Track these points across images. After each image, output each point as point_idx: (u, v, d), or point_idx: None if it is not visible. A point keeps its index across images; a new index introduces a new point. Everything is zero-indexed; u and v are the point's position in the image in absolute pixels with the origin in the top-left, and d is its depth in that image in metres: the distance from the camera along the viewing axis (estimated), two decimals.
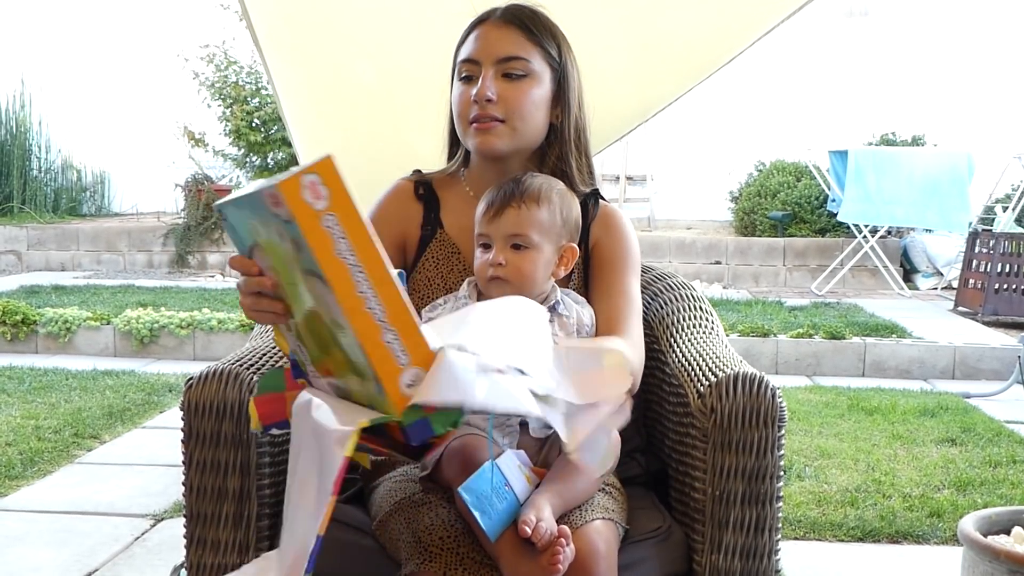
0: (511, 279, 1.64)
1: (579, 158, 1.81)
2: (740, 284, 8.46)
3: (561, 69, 1.77)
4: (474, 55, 1.73)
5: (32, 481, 3.48)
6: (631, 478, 1.83)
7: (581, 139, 1.82)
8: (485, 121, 1.71)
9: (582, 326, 1.69)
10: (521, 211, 1.65)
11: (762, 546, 1.57)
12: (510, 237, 1.65)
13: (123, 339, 5.74)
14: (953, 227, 7.67)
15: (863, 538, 3.07)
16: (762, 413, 1.55)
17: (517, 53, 1.72)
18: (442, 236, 1.83)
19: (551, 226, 1.66)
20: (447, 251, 1.81)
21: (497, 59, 1.71)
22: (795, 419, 4.29)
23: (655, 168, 10.08)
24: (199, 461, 1.61)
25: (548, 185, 1.69)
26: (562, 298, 1.70)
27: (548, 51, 1.75)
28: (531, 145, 1.78)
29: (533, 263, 1.65)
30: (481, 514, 1.40)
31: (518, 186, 1.67)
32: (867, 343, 5.59)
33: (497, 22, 1.74)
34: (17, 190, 9.94)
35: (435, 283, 1.80)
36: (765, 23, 2.41)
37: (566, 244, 1.70)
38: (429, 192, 1.86)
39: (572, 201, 1.72)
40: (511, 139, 1.73)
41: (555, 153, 1.80)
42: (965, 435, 4.10)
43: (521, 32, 1.73)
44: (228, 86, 9.22)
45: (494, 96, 1.70)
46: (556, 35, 1.78)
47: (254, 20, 2.40)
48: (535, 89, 1.73)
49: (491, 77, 1.70)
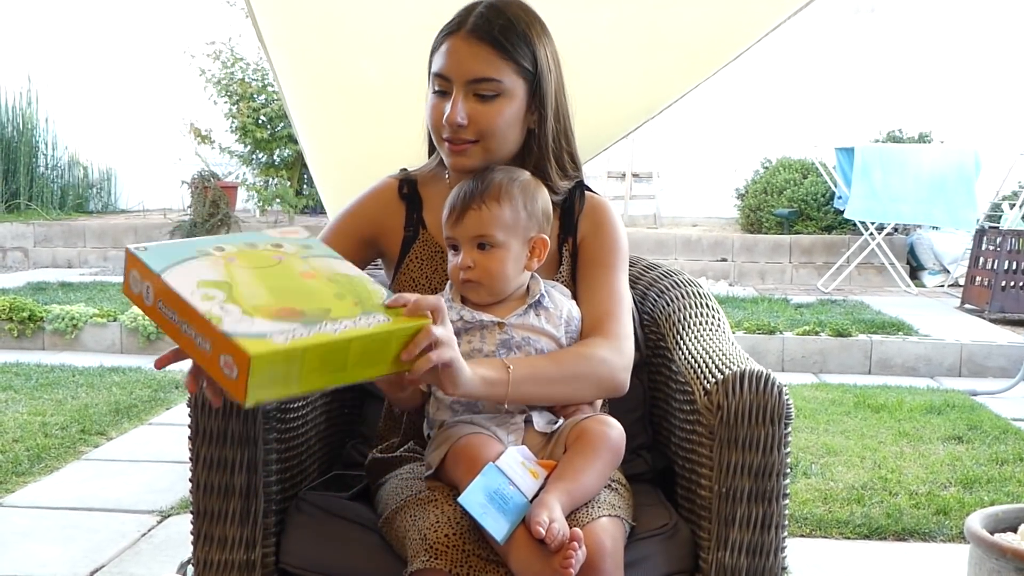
0: (482, 280, 1.63)
1: (560, 157, 1.78)
2: (746, 281, 8.45)
3: (536, 77, 1.71)
4: (445, 72, 1.69)
5: (39, 477, 3.49)
6: (637, 475, 1.82)
7: (560, 139, 1.78)
8: (458, 143, 1.70)
9: (571, 319, 1.69)
10: (483, 211, 1.63)
11: (768, 543, 1.57)
12: (475, 239, 1.64)
13: (130, 336, 5.75)
14: (960, 224, 7.66)
15: (869, 535, 3.07)
16: (769, 410, 1.55)
17: (488, 74, 1.67)
18: (425, 236, 1.82)
19: (515, 222, 1.64)
20: (431, 251, 1.81)
21: (467, 80, 1.67)
22: (801, 416, 4.28)
23: (661, 165, 10.07)
24: (206, 458, 1.61)
25: (508, 179, 1.67)
26: (547, 291, 1.69)
27: (522, 65, 1.69)
28: (506, 158, 1.75)
29: (501, 262, 1.64)
30: (486, 519, 1.40)
31: (478, 185, 1.65)
32: (873, 340, 5.59)
33: (468, 38, 1.68)
34: (24, 187, 9.96)
35: (420, 283, 1.79)
36: (771, 20, 2.40)
37: (536, 236, 1.67)
38: (412, 191, 1.85)
39: (537, 190, 1.69)
40: (484, 158, 1.71)
41: (533, 158, 1.76)
42: (972, 433, 4.09)
43: (492, 49, 1.67)
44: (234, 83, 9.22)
45: (464, 121, 1.67)
46: (530, 40, 1.70)
47: (259, 18, 2.40)
48: (508, 108, 1.69)
49: (462, 99, 1.67)
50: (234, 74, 9.26)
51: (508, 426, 1.60)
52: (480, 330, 1.64)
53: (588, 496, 1.52)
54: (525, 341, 1.63)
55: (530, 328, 1.64)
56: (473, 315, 1.64)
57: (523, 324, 1.65)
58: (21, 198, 9.92)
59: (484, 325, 1.64)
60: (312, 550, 1.63)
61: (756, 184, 9.19)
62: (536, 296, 1.67)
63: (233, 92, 9.21)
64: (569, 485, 1.49)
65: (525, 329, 1.64)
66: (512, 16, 1.70)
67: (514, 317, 1.65)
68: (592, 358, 1.64)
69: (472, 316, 1.64)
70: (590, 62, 1.83)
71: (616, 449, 1.58)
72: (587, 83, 1.89)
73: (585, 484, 1.52)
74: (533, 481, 1.49)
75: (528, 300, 1.67)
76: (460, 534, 1.45)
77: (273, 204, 9.30)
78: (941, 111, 9.32)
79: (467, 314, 1.64)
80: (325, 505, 1.68)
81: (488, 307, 1.66)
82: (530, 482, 1.48)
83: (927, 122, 9.25)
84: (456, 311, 1.64)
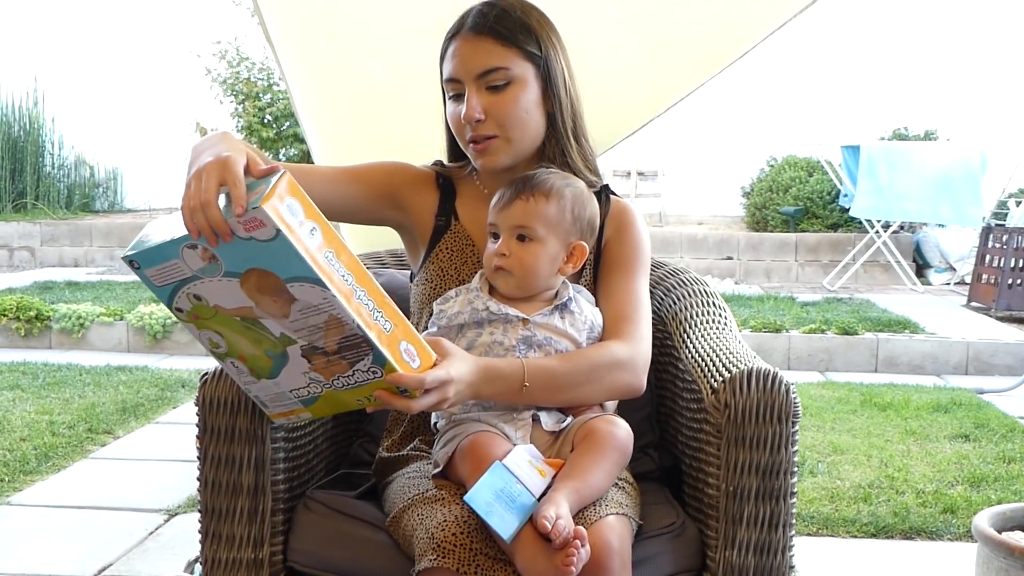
0: (514, 270, 1.65)
1: (577, 144, 1.79)
2: (752, 280, 8.44)
3: (544, 61, 1.73)
4: (455, 74, 1.71)
5: (46, 476, 3.50)
6: (645, 473, 1.83)
7: (577, 125, 1.79)
8: (480, 141, 1.71)
9: (594, 326, 1.69)
10: (529, 203, 1.65)
11: (776, 542, 1.57)
12: (515, 228, 1.65)
13: (136, 335, 5.76)
14: (966, 222, 7.64)
15: (876, 534, 3.06)
16: (776, 409, 1.55)
17: (494, 64, 1.68)
18: (457, 228, 1.82)
19: (559, 221, 1.66)
20: (461, 243, 1.81)
21: (476, 75, 1.69)
22: (808, 415, 4.28)
23: (666, 163, 10.06)
24: (214, 456, 1.62)
25: (562, 182, 1.68)
26: (575, 295, 1.69)
27: (526, 50, 1.70)
28: (532, 147, 1.76)
29: (536, 256, 1.65)
30: (492, 517, 1.40)
31: (530, 180, 1.68)
32: (880, 339, 5.58)
33: (468, 35, 1.70)
34: (30, 187, 9.98)
35: (448, 274, 1.80)
36: (776, 18, 2.40)
37: (575, 242, 1.69)
38: (447, 183, 1.86)
39: (589, 201, 1.71)
40: (510, 151, 1.72)
41: (552, 144, 1.78)
42: (979, 431, 4.08)
43: (494, 40, 1.69)
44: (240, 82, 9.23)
45: (481, 115, 1.68)
46: (531, 26, 1.72)
47: (266, 17, 2.40)
48: (522, 94, 1.70)
49: (474, 95, 1.68)
50: (240, 73, 9.27)
51: (515, 423, 1.60)
52: (504, 323, 1.64)
53: (596, 495, 1.52)
54: (547, 341, 1.64)
55: (553, 329, 1.65)
56: (499, 307, 1.64)
57: (547, 324, 1.65)
58: (28, 198, 9.93)
59: (509, 319, 1.64)
60: (320, 549, 1.63)
61: (762, 182, 9.18)
62: (564, 299, 1.67)
63: (239, 91, 9.22)
64: (577, 484, 1.49)
65: (548, 330, 1.65)
66: (506, 7, 1.72)
67: (539, 316, 1.65)
68: (608, 360, 1.64)
69: (498, 308, 1.64)
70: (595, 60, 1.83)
71: (624, 448, 1.58)
72: (592, 80, 1.89)
73: (593, 483, 1.52)
74: (540, 480, 1.49)
75: (556, 302, 1.67)
76: (468, 533, 1.45)
77: None
78: (947, 109, 9.30)
79: (493, 306, 1.65)
80: (332, 504, 1.68)
81: (515, 303, 1.66)
82: (537, 481, 1.48)
83: (933, 120, 9.23)
84: (483, 300, 1.65)
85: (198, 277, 1.36)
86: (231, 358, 1.46)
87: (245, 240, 1.30)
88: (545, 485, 1.49)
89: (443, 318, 1.68)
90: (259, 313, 1.37)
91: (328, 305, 1.33)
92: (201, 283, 1.36)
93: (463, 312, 1.66)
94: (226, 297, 1.37)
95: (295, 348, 1.40)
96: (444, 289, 1.76)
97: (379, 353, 1.36)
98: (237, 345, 1.43)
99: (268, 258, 1.30)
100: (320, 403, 1.48)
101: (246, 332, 1.40)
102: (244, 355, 1.44)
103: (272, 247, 1.29)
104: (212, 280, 1.35)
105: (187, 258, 1.34)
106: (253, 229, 1.28)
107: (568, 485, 1.48)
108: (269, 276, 1.32)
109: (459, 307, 1.67)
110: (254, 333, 1.40)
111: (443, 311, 1.68)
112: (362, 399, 1.46)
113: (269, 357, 1.42)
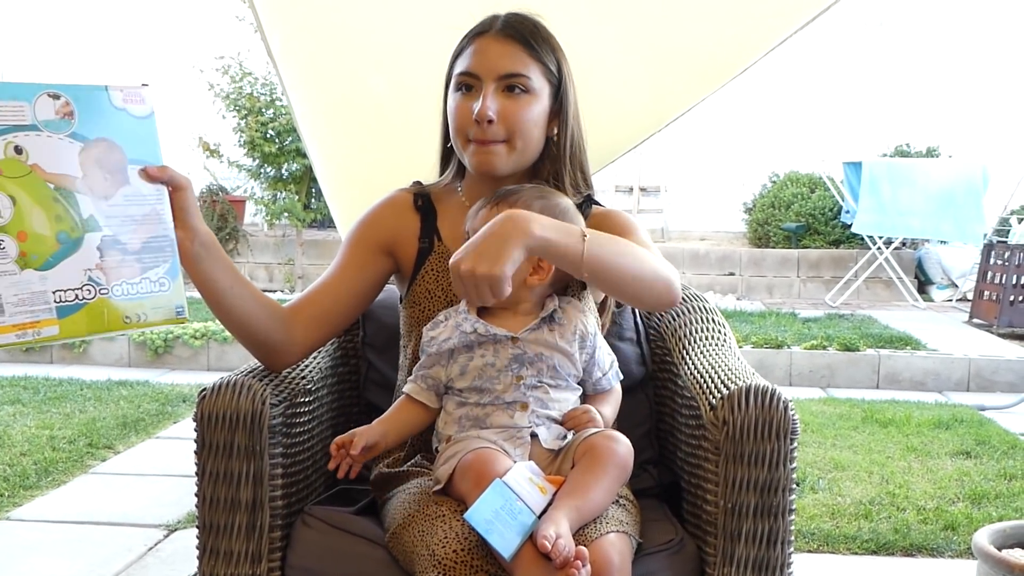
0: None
1: (573, 172, 1.79)
2: (754, 295, 8.44)
3: (560, 84, 1.75)
4: (474, 69, 1.71)
5: (46, 491, 3.49)
6: (643, 490, 1.82)
7: (576, 153, 1.80)
8: (486, 142, 1.70)
9: (586, 335, 1.68)
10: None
11: (775, 559, 1.57)
12: None
13: (137, 349, 5.76)
14: (968, 238, 7.65)
15: (877, 551, 3.05)
16: (774, 425, 1.55)
17: (519, 70, 1.70)
18: (440, 248, 1.82)
19: None
20: (446, 263, 1.79)
21: (498, 76, 1.69)
22: (809, 431, 4.27)
23: (668, 179, 10.08)
24: (212, 472, 1.62)
25: (536, 194, 1.67)
26: (561, 306, 1.69)
27: (548, 67, 1.72)
28: (529, 162, 1.77)
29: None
30: (492, 535, 1.39)
31: (504, 192, 1.68)
32: (881, 355, 5.57)
33: (498, 36, 1.71)
34: None
35: (435, 295, 1.79)
36: (778, 34, 2.41)
37: None
38: (427, 203, 1.86)
39: (562, 215, 1.65)
40: (511, 159, 1.72)
41: (548, 167, 1.78)
42: (980, 448, 4.08)
43: (522, 48, 1.71)
44: (243, 97, 9.24)
45: (496, 116, 1.68)
46: (555, 49, 1.75)
47: (268, 33, 2.41)
48: (535, 106, 1.71)
49: (492, 95, 1.69)
50: (243, 88, 9.29)
51: (515, 441, 1.60)
52: (493, 344, 1.63)
53: (596, 512, 1.52)
54: (538, 357, 1.63)
55: (543, 344, 1.64)
56: (487, 328, 1.64)
57: (536, 339, 1.64)
58: None
59: (497, 339, 1.63)
60: (318, 564, 1.63)
61: (764, 198, 9.19)
62: (549, 311, 1.67)
63: (241, 106, 9.23)
64: (577, 501, 1.48)
65: (538, 345, 1.64)
66: (536, 23, 1.75)
67: (527, 332, 1.64)
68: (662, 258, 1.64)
69: (486, 330, 1.64)
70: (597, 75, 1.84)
71: (624, 464, 1.58)
72: (594, 95, 1.90)
73: (593, 500, 1.51)
74: (541, 497, 1.48)
75: (541, 314, 1.66)
76: (469, 550, 1.44)
77: (281, 218, 9.31)
78: (949, 125, 9.32)
79: (481, 327, 1.64)
80: (331, 519, 1.67)
81: (500, 319, 1.65)
82: (538, 498, 1.48)
83: (935, 136, 9.25)
84: (471, 323, 1.64)
85: (36, 128, 1.30)
86: (4, 233, 1.32)
87: (117, 109, 1.31)
88: (546, 502, 1.48)
89: (433, 344, 1.67)
90: (81, 187, 1.32)
91: (156, 199, 1.36)
92: (37, 136, 1.30)
93: (452, 337, 1.65)
94: (55, 160, 1.31)
95: (94, 236, 1.34)
96: (432, 310, 1.76)
97: (177, 263, 1.42)
98: (27, 218, 1.32)
99: (126, 134, 1.33)
100: (81, 316, 1.36)
101: (51, 204, 1.32)
102: (27, 232, 1.32)
103: (138, 125, 1.33)
104: (53, 137, 1.30)
105: (39, 106, 1.30)
106: (130, 101, 1.32)
107: (568, 503, 1.47)
108: (116, 152, 1.33)
109: (448, 332, 1.66)
110: (60, 207, 1.32)
111: (433, 338, 1.68)
112: (131, 316, 1.39)
113: (59, 242, 1.33)
